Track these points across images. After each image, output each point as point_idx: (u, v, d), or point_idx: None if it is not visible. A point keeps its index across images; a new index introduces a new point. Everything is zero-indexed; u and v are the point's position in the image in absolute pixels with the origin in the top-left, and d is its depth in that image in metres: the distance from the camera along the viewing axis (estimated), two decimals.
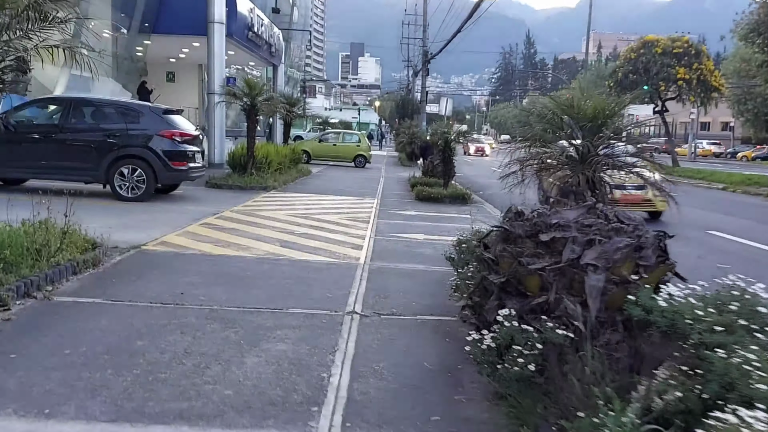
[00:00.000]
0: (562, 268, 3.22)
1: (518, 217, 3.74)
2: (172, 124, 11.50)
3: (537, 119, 5.34)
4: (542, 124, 5.22)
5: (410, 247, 8.36)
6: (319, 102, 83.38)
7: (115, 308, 4.83)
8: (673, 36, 33.77)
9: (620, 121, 5.09)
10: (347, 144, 28.01)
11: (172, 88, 29.83)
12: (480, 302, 3.59)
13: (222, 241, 7.79)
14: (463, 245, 5.57)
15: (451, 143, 15.49)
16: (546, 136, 5.12)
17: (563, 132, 5.22)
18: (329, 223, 9.93)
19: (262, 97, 15.93)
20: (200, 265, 6.48)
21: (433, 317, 5.08)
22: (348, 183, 18.50)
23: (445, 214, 12.26)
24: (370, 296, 5.66)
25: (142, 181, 11.05)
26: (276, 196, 13.63)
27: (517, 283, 3.39)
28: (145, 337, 4.24)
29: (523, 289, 3.37)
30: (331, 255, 7.46)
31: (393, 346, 4.38)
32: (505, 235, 3.61)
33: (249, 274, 6.20)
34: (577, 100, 5.02)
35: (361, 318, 4.96)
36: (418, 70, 45.31)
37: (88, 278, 5.65)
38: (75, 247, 6.02)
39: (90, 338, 4.15)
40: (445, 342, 4.49)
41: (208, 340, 4.23)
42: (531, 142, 5.24)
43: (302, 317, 4.87)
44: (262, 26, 25.39)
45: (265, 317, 4.81)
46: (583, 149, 4.80)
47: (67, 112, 11.18)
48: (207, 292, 5.41)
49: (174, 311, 4.83)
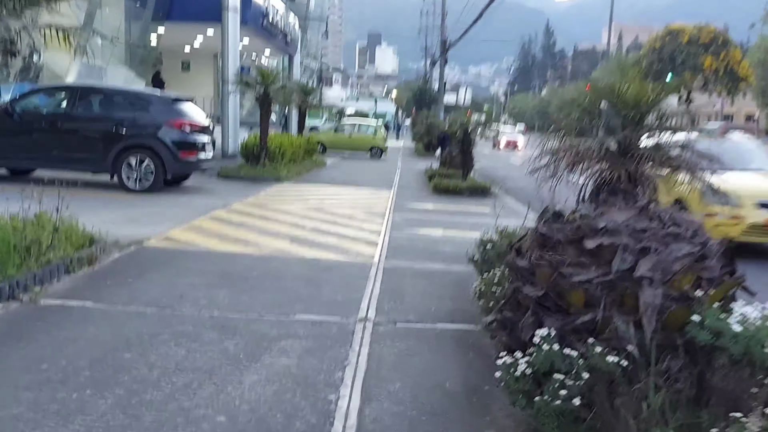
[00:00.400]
0: (611, 281, 2.73)
1: (557, 218, 3.24)
2: (182, 113, 11.10)
3: (572, 106, 4.80)
4: (578, 111, 4.68)
5: (428, 244, 7.87)
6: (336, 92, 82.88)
7: (106, 314, 4.41)
8: (700, 24, 32.76)
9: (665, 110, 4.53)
10: (363, 134, 27.50)
11: (188, 78, 29.58)
12: (512, 318, 3.10)
13: (229, 237, 7.37)
14: (488, 245, 5.06)
15: (470, 133, 14.92)
16: (582, 126, 4.59)
17: (600, 120, 4.68)
18: (342, 217, 9.47)
19: (276, 85, 15.48)
20: (204, 263, 6.05)
21: (454, 326, 4.59)
22: (363, 174, 18.03)
23: (465, 208, 11.75)
24: (384, 300, 5.19)
25: (151, 173, 10.68)
26: (288, 187, 13.20)
27: (558, 297, 2.90)
28: (135, 348, 3.81)
29: (565, 305, 2.88)
30: (343, 252, 7.00)
31: (410, 361, 3.91)
32: (542, 240, 3.12)
33: (255, 274, 5.76)
34: (617, 85, 4.48)
35: (375, 326, 4.49)
36: (436, 59, 44.61)
37: (82, 278, 5.24)
38: (70, 243, 5.61)
39: (73, 350, 3.73)
40: (469, 357, 4.01)
41: (204, 353, 3.79)
42: (565, 132, 4.70)
43: (310, 325, 4.42)
44: (277, 14, 24.93)
45: (268, 325, 4.37)
46: (625, 141, 4.26)
47: (74, 101, 10.82)
48: (208, 295, 4.97)
49: (170, 317, 4.40)
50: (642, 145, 4.42)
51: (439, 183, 14.29)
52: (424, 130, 31.73)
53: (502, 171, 23.22)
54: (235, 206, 9.86)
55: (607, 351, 2.57)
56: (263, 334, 4.19)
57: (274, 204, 10.38)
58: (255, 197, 11.10)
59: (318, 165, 19.44)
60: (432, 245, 7.83)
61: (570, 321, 2.79)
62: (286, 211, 9.65)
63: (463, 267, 6.47)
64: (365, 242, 7.69)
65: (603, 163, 4.51)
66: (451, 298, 5.33)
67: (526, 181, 5.30)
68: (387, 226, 9.06)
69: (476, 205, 12.29)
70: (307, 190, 12.83)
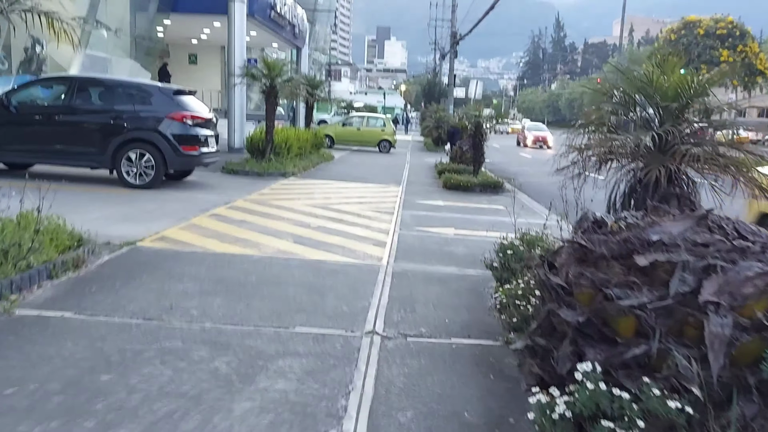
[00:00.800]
0: (668, 306, 2.28)
1: (598, 227, 2.77)
2: (183, 105, 10.67)
3: (604, 98, 4.33)
4: (610, 104, 4.21)
5: (439, 245, 7.43)
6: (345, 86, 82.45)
7: (87, 326, 4.00)
8: (716, 16, 31.99)
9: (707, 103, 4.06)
10: (372, 128, 27.01)
11: (195, 71, 29.23)
12: (546, 346, 2.66)
13: (229, 237, 6.95)
14: (508, 251, 4.60)
15: (482, 127, 14.42)
16: (616, 119, 4.14)
17: (635, 114, 4.22)
18: (349, 215, 9.03)
19: (282, 78, 15.02)
20: (200, 266, 5.63)
21: (471, 341, 4.14)
22: (371, 169, 17.57)
23: (477, 205, 11.28)
24: (393, 309, 4.75)
25: (151, 167, 10.27)
26: (294, 183, 12.77)
27: (602, 324, 2.45)
28: (115, 368, 3.39)
29: (611, 334, 2.43)
30: (349, 254, 6.57)
31: (423, 384, 3.47)
32: (581, 254, 2.66)
33: (253, 280, 5.33)
34: (655, 74, 4.01)
35: (383, 341, 4.05)
36: (445, 52, 44.02)
37: (65, 284, 4.83)
38: (55, 245, 5.21)
39: (45, 370, 3.32)
40: (490, 379, 3.57)
41: (192, 374, 3.37)
42: (595, 127, 4.24)
43: (311, 340, 3.98)
44: (285, 6, 24.48)
45: (265, 340, 3.94)
46: (665, 136, 3.79)
47: (72, 93, 10.41)
48: (201, 304, 4.55)
49: (157, 331, 3.98)
50: (685, 140, 3.96)
51: (450, 178, 13.81)
52: (434, 124, 31.23)
53: (514, 167, 22.71)
54: (238, 203, 9.45)
55: (665, 392, 2.12)
56: (259, 351, 3.76)
57: (278, 200, 9.95)
58: (259, 193, 10.68)
59: (325, 159, 19.00)
60: (444, 246, 7.38)
61: (618, 353, 2.34)
62: (291, 208, 9.22)
63: (478, 271, 6.04)
64: (373, 242, 7.25)
65: (638, 161, 4.06)
66: (467, 308, 4.88)
67: (539, 177, 4.86)
68: (396, 224, 8.62)
69: (489, 202, 11.82)
70: (313, 186, 12.40)
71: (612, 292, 2.40)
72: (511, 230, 6.31)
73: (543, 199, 11.78)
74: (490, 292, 5.28)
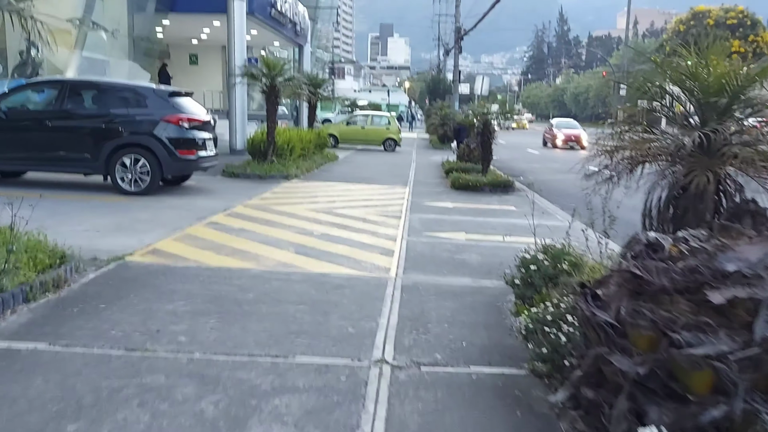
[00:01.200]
0: (756, 355, 1.83)
1: (652, 251, 2.30)
2: (179, 108, 10.24)
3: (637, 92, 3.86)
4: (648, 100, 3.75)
5: (451, 252, 6.97)
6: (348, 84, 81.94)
7: (61, 359, 3.56)
8: (726, 6, 31.32)
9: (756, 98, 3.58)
10: (376, 126, 26.52)
11: (196, 71, 28.85)
12: (595, 399, 2.20)
13: (226, 248, 6.51)
14: (532, 266, 4.13)
15: (490, 125, 13.93)
16: (652, 117, 3.67)
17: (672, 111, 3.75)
18: (354, 220, 8.59)
19: (283, 77, 14.57)
20: (192, 283, 5.19)
21: (493, 369, 3.68)
22: (377, 169, 17.12)
23: (487, 206, 10.81)
24: (404, 331, 4.29)
25: (146, 173, 9.85)
26: (297, 186, 12.33)
27: (668, 376, 1.99)
28: (86, 413, 2.96)
29: (681, 389, 1.97)
30: (355, 265, 6.12)
31: (441, 424, 3.01)
32: (635, 285, 2.20)
33: (250, 297, 4.88)
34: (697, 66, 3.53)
35: (394, 371, 3.60)
36: (449, 48, 43.46)
37: (43, 307, 4.40)
38: (34, 264, 4.78)
39: (4, 418, 2.89)
40: (517, 417, 3.11)
41: (174, 420, 2.93)
42: (628, 126, 3.77)
43: (312, 372, 3.53)
44: (285, 3, 24.01)
45: (261, 372, 3.49)
46: (711, 136, 3.32)
47: (63, 96, 9.99)
48: (191, 329, 4.11)
49: (139, 363, 3.54)
50: (730, 140, 3.48)
51: (458, 178, 13.33)
52: (439, 121, 30.72)
53: (522, 164, 22.21)
54: (237, 209, 9.01)
55: None
56: (253, 386, 3.31)
57: (279, 206, 9.51)
58: (260, 198, 10.25)
59: (329, 159, 18.55)
60: (455, 253, 6.92)
61: (690, 415, 1.88)
62: (293, 214, 8.78)
63: (493, 282, 5.59)
64: (380, 251, 6.81)
65: (679, 165, 3.59)
66: (485, 327, 4.42)
67: (549, 174, 4.40)
68: (404, 229, 8.16)
69: (499, 202, 11.35)
70: (317, 189, 11.96)
71: (680, 337, 1.94)
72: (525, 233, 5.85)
73: (556, 199, 11.32)
74: (509, 306, 4.83)
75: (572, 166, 4.28)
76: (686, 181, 3.37)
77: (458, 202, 11.09)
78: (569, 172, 4.62)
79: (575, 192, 4.03)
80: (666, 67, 3.66)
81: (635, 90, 3.90)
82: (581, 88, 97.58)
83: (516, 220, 9.27)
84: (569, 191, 3.82)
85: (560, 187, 13.60)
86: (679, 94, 3.63)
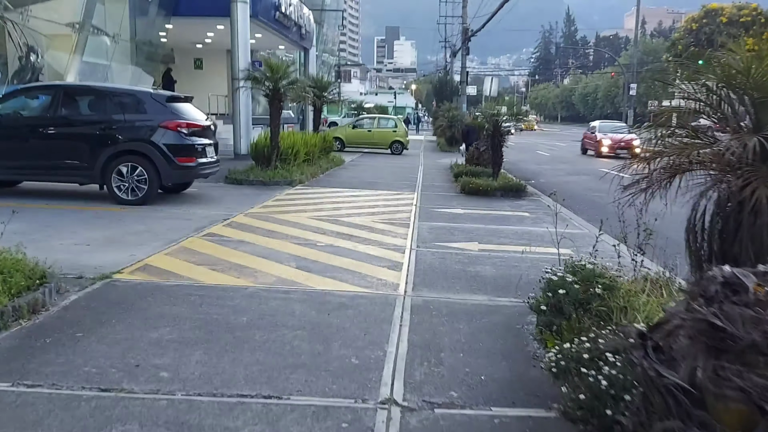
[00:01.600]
0: None
1: (731, 292, 1.82)
2: (178, 113, 9.82)
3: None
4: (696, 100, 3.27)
5: (463, 264, 6.49)
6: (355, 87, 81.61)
7: (23, 404, 3.11)
8: (739, 3, 30.66)
9: None
10: (383, 129, 26.08)
11: (201, 76, 28.50)
12: None
13: (222, 263, 6.06)
14: (560, 291, 3.65)
15: (501, 127, 13.44)
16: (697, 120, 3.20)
17: (720, 113, 3.27)
18: (360, 229, 8.13)
19: (286, 80, 14.14)
20: (182, 305, 4.74)
21: (517, 411, 3.20)
22: (384, 173, 16.66)
23: (500, 212, 10.33)
24: (415, 362, 3.82)
25: (144, 181, 9.44)
26: (301, 192, 11.89)
27: None
28: None
29: None
30: (360, 280, 5.66)
31: None
32: (714, 338, 1.72)
33: (244, 321, 4.43)
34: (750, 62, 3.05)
35: (404, 416, 3.12)
36: (456, 49, 42.98)
37: (13, 337, 3.96)
38: (9, 286, 4.35)
39: None
40: None
41: None
42: (670, 130, 3.29)
43: (309, 417, 3.07)
44: (290, 6, 23.65)
45: (249, 419, 3.02)
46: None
47: (56, 102, 9.60)
48: (175, 361, 3.66)
49: (111, 408, 3.09)
50: None
51: (468, 182, 12.85)
52: (447, 123, 30.25)
53: (532, 166, 21.70)
54: (238, 218, 8.58)
55: None
56: None
57: (282, 214, 9.07)
58: (262, 206, 9.81)
59: (335, 164, 18.12)
60: (468, 265, 6.45)
61: None
62: (295, 223, 8.33)
63: (510, 300, 5.13)
64: (388, 264, 6.35)
65: (729, 175, 3.11)
66: (505, 356, 3.95)
67: (561, 176, 3.92)
68: (412, 239, 7.70)
69: (512, 208, 10.85)
70: (322, 196, 11.51)
71: None
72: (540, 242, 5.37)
73: (570, 204, 10.80)
74: (530, 329, 4.36)
75: (599, 174, 3.81)
76: (743, 194, 2.89)
77: (469, 208, 10.61)
78: (579, 174, 4.16)
79: (588, 195, 3.59)
80: (714, 62, 3.18)
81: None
82: (589, 88, 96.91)
83: (531, 228, 8.80)
84: (582, 195, 3.48)
85: (574, 189, 13.11)
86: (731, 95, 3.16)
